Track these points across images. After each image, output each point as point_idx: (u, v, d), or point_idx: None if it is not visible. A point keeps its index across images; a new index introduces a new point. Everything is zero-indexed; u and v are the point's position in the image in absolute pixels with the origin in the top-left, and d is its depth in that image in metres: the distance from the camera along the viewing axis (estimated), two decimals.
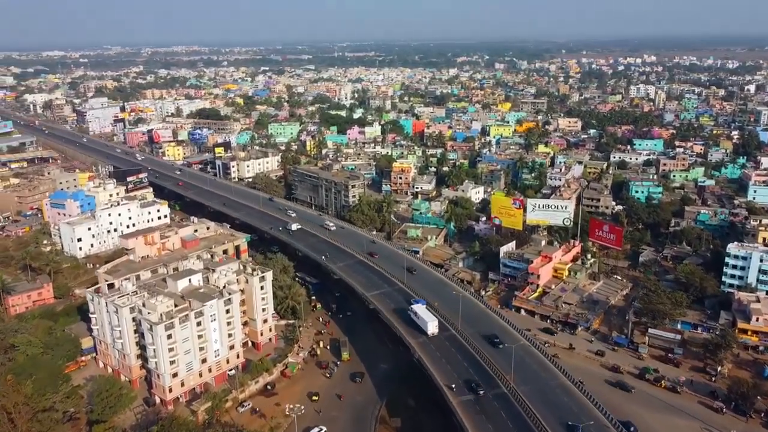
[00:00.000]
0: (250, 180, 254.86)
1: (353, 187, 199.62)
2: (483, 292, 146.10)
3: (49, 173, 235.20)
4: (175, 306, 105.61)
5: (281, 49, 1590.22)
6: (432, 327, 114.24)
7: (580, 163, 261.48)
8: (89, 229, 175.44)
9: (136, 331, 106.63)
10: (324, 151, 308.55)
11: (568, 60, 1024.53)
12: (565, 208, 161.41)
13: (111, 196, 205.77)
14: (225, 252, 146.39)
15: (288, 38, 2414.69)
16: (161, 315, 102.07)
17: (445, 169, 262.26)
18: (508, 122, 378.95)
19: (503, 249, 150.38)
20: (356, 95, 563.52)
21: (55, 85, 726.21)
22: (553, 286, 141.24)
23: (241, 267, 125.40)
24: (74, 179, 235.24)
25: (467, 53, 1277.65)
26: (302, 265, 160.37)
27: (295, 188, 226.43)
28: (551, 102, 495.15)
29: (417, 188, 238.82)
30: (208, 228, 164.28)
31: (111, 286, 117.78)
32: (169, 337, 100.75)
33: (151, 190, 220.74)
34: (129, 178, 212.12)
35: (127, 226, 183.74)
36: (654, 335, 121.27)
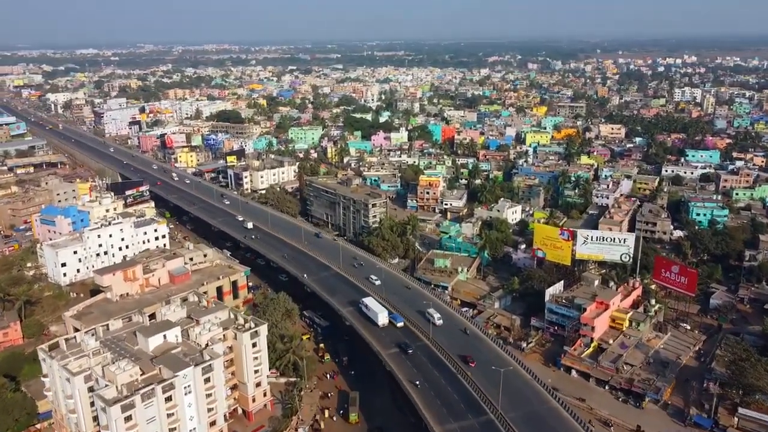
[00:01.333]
0: (264, 192, 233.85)
1: (374, 206, 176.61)
2: (524, 345, 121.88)
3: (47, 183, 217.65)
4: (142, 374, 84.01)
5: (310, 48, 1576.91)
6: (382, 318, 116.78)
7: (628, 177, 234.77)
8: (75, 252, 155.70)
9: (93, 404, 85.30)
10: (346, 160, 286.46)
11: (603, 60, 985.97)
12: (624, 241, 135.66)
13: (107, 211, 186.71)
14: (219, 289, 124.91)
15: (318, 37, 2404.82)
16: (120, 388, 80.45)
17: (478, 182, 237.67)
18: (544, 128, 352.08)
19: (549, 291, 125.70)
20: (383, 97, 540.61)
21: (81, 83, 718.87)
22: (611, 341, 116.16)
23: (232, 316, 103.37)
24: (73, 190, 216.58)
25: (499, 53, 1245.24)
26: (311, 300, 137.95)
27: (311, 204, 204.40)
28: (590, 105, 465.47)
29: (446, 204, 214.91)
30: (205, 255, 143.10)
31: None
32: (128, 419, 79.05)
33: (152, 204, 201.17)
34: (128, 192, 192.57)
35: (120, 248, 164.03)
36: (746, 416, 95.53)
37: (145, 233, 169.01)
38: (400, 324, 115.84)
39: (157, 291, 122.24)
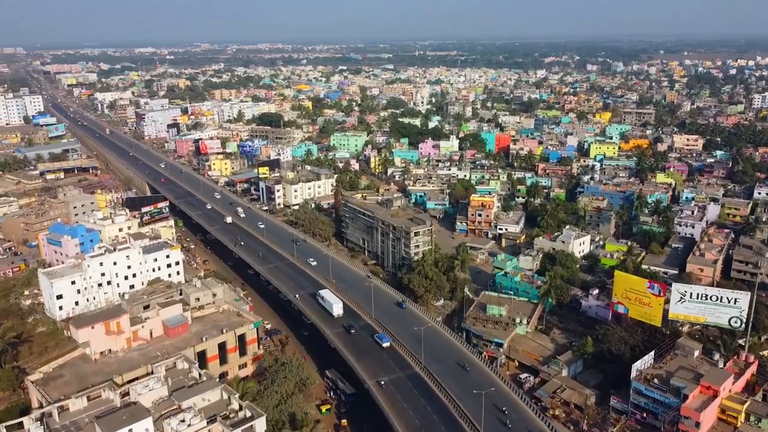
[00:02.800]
0: (297, 207, 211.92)
1: (416, 235, 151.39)
2: None
3: (65, 194, 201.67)
4: None
5: (362, 48, 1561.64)
6: (337, 309, 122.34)
7: (714, 200, 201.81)
8: (73, 282, 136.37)
9: None
10: (390, 171, 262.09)
11: (668, 62, 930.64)
12: (735, 302, 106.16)
13: (120, 230, 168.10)
14: (222, 345, 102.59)
15: (370, 36, 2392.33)
16: None
17: (537, 201, 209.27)
18: (610, 137, 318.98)
19: (636, 366, 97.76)
20: (433, 99, 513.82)
21: (132, 82, 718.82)
22: None
23: (224, 396, 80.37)
24: (92, 203, 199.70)
25: (555, 53, 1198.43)
26: (337, 355, 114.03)
27: (346, 226, 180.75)
28: (659, 112, 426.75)
29: (500, 229, 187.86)
30: (214, 295, 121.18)
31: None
32: None
33: (171, 222, 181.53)
34: (144, 209, 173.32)
35: (126, 277, 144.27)
36: None
37: (155, 260, 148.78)
38: (386, 344, 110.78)
39: (146, 347, 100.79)
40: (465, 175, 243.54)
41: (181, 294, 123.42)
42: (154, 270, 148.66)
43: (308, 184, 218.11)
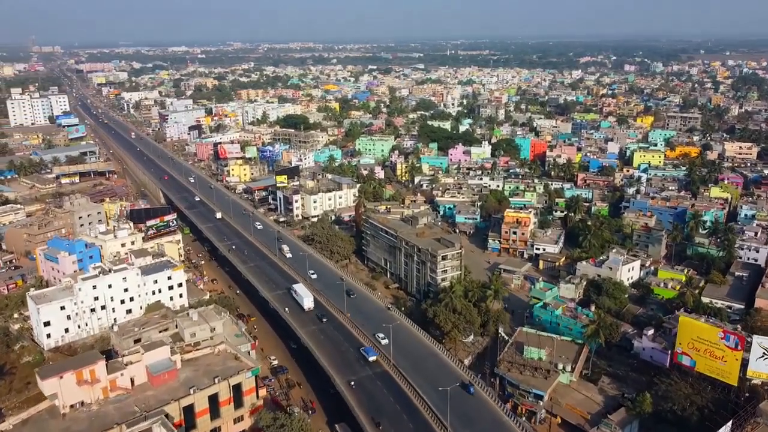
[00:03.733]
0: (316, 219, 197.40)
1: (444, 259, 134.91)
2: None
3: (71, 202, 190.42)
4: None
5: (393, 47, 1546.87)
6: (308, 302, 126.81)
7: None
8: (63, 308, 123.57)
9: None
10: (417, 179, 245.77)
11: (710, 62, 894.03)
12: None
13: (123, 245, 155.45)
14: (214, 397, 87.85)
15: (402, 35, 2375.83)
16: None
17: (577, 216, 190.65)
18: (654, 144, 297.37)
19: None
20: (464, 101, 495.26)
21: (161, 81, 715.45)
22: None
23: None
24: (98, 213, 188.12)
25: (591, 53, 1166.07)
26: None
27: (367, 244, 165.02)
28: (705, 116, 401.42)
29: (537, 249, 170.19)
30: (213, 329, 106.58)
31: None
32: None
33: (179, 237, 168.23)
34: (149, 222, 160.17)
35: (122, 301, 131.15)
36: None
37: (156, 281, 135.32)
38: (372, 358, 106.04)
39: (126, 398, 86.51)
40: (498, 186, 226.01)
41: (176, 326, 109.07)
42: (154, 293, 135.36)
43: (329, 195, 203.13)
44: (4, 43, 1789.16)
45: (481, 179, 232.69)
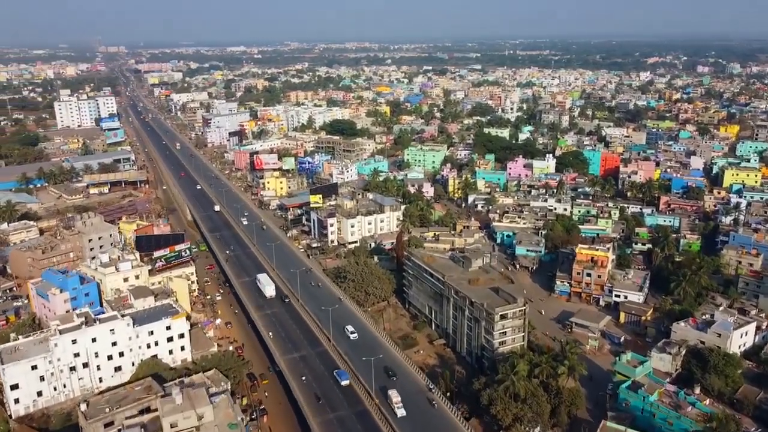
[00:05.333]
0: (354, 245, 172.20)
1: (503, 318, 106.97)
2: None
3: (84, 222, 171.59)
4: None
5: (450, 47, 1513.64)
6: (269, 290, 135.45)
7: None
8: (35, 367, 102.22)
9: None
10: (471, 199, 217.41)
11: None
12: None
13: (126, 280, 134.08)
14: None
15: (459, 34, 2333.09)
16: None
17: (660, 252, 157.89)
18: (747, 160, 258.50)
19: None
20: (524, 106, 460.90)
21: (213, 82, 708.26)
22: None
23: None
24: (110, 235, 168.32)
25: (659, 53, 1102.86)
26: None
27: (409, 285, 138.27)
28: None
29: (617, 296, 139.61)
30: (200, 418, 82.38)
31: None
32: None
33: (192, 269, 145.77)
34: (157, 253, 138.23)
35: (110, 357, 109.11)
36: None
37: (152, 333, 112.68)
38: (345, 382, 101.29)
39: None
40: (566, 209, 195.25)
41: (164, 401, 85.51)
42: (149, 346, 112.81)
43: (368, 218, 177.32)
44: (73, 43, 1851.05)
45: (546, 200, 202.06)
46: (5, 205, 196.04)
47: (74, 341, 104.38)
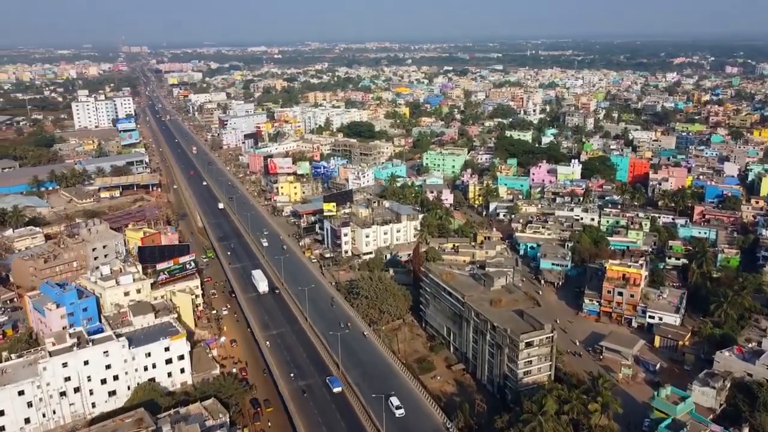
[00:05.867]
0: (368, 256, 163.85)
1: (528, 346, 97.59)
2: None
3: (89, 230, 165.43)
4: None
5: (470, 47, 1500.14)
6: (263, 286, 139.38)
7: None
8: (21, 393, 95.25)
9: None
10: (493, 206, 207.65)
11: None
12: None
13: (127, 294, 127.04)
14: None
15: (480, 34, 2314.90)
16: None
17: (697, 269, 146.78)
18: None
19: None
20: (547, 108, 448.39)
21: (232, 83, 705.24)
22: None
23: None
24: (116, 243, 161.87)
25: (684, 53, 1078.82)
26: None
27: (426, 303, 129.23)
28: None
29: (650, 317, 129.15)
30: None
31: None
32: None
33: (196, 282, 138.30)
34: (160, 265, 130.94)
35: (104, 381, 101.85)
36: None
37: (149, 354, 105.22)
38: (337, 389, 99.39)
39: None
40: (593, 219, 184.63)
41: None
42: (146, 369, 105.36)
43: (384, 228, 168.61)
44: (97, 43, 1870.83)
45: (572, 209, 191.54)
46: (11, 210, 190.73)
47: (65, 364, 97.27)
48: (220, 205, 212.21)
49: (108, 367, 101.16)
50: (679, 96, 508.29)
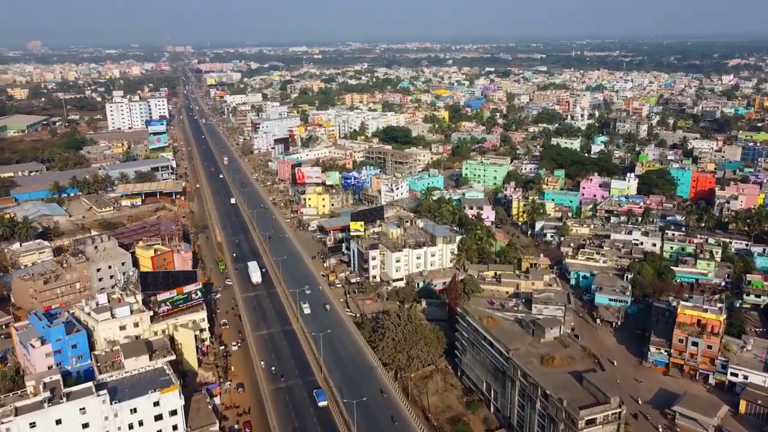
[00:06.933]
0: (398, 284, 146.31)
1: (590, 423, 78.52)
2: None
3: (96, 247, 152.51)
4: None
5: (513, 47, 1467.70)
6: (255, 277, 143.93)
7: None
8: None
9: None
10: (539, 226, 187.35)
11: None
12: None
13: (123, 328, 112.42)
14: None
15: (522, 34, 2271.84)
16: None
17: None
18: None
19: None
20: (596, 113, 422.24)
21: (270, 83, 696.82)
22: None
23: None
24: (123, 263, 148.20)
25: (740, 54, 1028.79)
26: None
27: (463, 350, 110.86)
28: None
29: (733, 374, 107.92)
30: None
31: None
32: None
33: (203, 315, 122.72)
34: (161, 296, 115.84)
35: None
36: None
37: (135, 410, 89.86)
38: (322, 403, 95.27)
39: None
40: (654, 245, 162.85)
41: None
42: (131, 426, 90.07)
43: (417, 252, 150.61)
44: (144, 43, 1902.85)
45: (630, 232, 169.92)
46: (21, 222, 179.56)
47: (33, 424, 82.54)
48: (232, 200, 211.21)
49: (85, 426, 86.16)
50: (738, 101, 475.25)
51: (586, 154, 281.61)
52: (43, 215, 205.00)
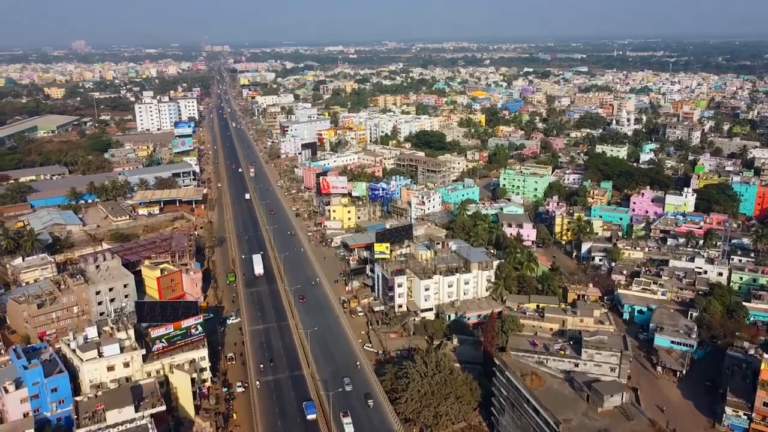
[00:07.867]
0: (430, 315, 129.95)
1: None
2: None
3: (98, 266, 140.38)
4: None
5: (552, 47, 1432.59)
6: (258, 269, 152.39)
7: None
8: None
9: None
10: (586, 247, 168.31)
11: None
12: None
13: (111, 369, 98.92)
14: None
15: (562, 33, 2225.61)
16: None
17: None
18: None
19: None
20: (643, 117, 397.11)
21: (303, 83, 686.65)
22: None
23: None
24: (125, 285, 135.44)
25: None
26: None
27: (500, 410, 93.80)
28: None
29: None
30: None
31: None
32: None
33: (204, 353, 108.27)
34: (155, 332, 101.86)
35: None
36: None
37: None
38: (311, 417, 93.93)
39: None
40: (720, 274, 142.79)
41: None
42: None
43: (449, 279, 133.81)
44: (184, 42, 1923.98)
45: (692, 258, 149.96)
46: (27, 234, 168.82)
47: None
48: (247, 196, 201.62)
49: None
50: None
51: (634, 164, 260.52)
52: (56, 224, 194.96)
